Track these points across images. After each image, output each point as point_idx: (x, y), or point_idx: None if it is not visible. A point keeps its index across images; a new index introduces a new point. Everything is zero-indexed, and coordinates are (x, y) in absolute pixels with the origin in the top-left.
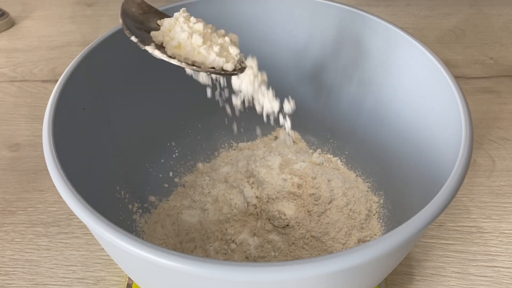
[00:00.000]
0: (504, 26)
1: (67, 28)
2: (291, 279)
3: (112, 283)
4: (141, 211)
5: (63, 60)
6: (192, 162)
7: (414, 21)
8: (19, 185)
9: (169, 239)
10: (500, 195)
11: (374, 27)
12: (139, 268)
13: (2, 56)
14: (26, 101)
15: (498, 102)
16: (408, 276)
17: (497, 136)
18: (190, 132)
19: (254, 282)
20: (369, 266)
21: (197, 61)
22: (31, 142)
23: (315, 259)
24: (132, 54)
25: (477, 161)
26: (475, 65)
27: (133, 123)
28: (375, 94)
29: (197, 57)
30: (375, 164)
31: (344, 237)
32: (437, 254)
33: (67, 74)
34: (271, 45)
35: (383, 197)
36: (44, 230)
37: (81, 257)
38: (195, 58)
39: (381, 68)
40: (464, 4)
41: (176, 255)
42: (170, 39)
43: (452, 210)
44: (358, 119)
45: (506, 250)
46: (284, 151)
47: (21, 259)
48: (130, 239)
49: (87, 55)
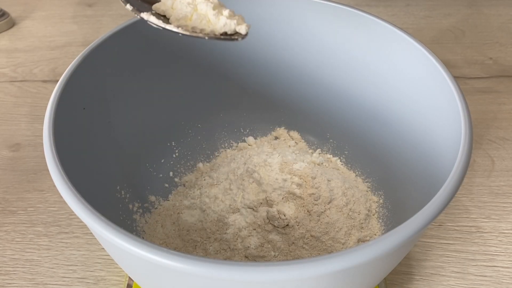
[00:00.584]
0: (503, 26)
1: (67, 28)
2: (291, 279)
3: (113, 282)
4: (141, 211)
5: (64, 60)
6: (192, 162)
7: (414, 21)
8: (19, 185)
9: (169, 239)
10: (499, 195)
11: (373, 27)
12: (139, 268)
13: (2, 56)
14: (27, 101)
15: (497, 102)
16: (407, 276)
17: (496, 136)
18: (190, 132)
19: (254, 282)
20: (368, 266)
21: (204, 28)
22: (31, 142)
23: (315, 259)
24: (132, 54)
25: (477, 161)
26: (475, 65)
27: (133, 123)
28: (374, 94)
29: (205, 25)
30: (374, 164)
31: (344, 237)
32: (437, 254)
33: (67, 74)
34: (271, 45)
35: (383, 197)
36: (44, 230)
37: (81, 256)
38: (202, 26)
39: (381, 68)
40: (463, 5)
41: (176, 255)
42: (172, 10)
43: (452, 210)
44: (358, 119)
45: (506, 250)
46: (284, 151)
47: (21, 258)
48: (130, 239)
49: (88, 55)
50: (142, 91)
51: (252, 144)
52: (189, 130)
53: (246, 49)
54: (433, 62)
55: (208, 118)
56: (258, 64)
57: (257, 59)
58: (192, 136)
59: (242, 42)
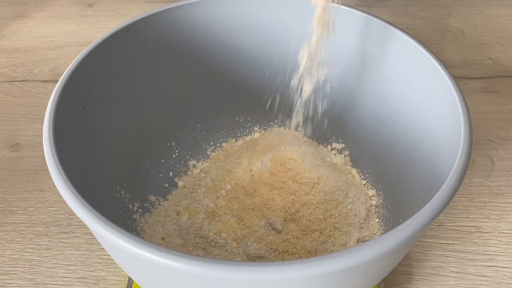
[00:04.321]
0: (503, 26)
1: (67, 28)
2: (291, 278)
3: (112, 282)
4: (141, 211)
5: (64, 60)
6: (192, 162)
7: (414, 22)
8: (19, 185)
9: (169, 239)
10: (499, 195)
11: (373, 27)
12: (139, 267)
13: (2, 56)
14: (26, 101)
15: (497, 103)
16: (407, 276)
17: (496, 136)
18: (190, 132)
19: (254, 282)
20: (368, 265)
21: None
22: (31, 142)
23: (315, 259)
24: (132, 54)
25: (476, 161)
26: (474, 65)
27: (133, 123)
28: (374, 94)
29: None
30: (374, 164)
31: (344, 237)
32: (436, 254)
33: (67, 74)
34: (271, 45)
35: (383, 197)
36: (44, 229)
37: (81, 256)
38: None
39: (380, 69)
40: (463, 5)
41: (176, 254)
42: None
43: (451, 210)
44: (357, 119)
45: (505, 250)
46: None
47: (21, 258)
48: (130, 238)
49: (88, 56)
50: (142, 91)
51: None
52: (189, 130)
53: (246, 49)
54: (433, 62)
55: (208, 118)
56: (259, 64)
57: (258, 59)
58: (192, 136)
59: (242, 42)
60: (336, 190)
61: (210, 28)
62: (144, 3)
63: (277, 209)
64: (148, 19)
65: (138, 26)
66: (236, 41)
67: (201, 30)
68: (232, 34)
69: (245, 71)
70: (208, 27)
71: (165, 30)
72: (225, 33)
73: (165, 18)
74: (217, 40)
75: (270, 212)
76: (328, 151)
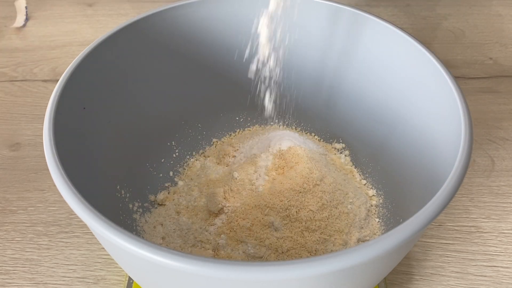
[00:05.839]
0: (503, 26)
1: (67, 28)
2: (291, 278)
3: (113, 282)
4: (141, 211)
5: (64, 60)
6: (192, 162)
7: (414, 22)
8: (19, 185)
9: (169, 239)
10: (499, 195)
11: (373, 27)
12: (139, 267)
13: (2, 55)
14: (27, 100)
15: (497, 102)
16: (407, 276)
17: (496, 136)
18: (190, 132)
19: (254, 282)
20: (368, 265)
21: None
22: (31, 141)
23: (315, 259)
24: (132, 54)
25: (477, 161)
26: (475, 65)
27: (133, 123)
28: (374, 94)
29: None
30: (374, 164)
31: (344, 237)
32: (437, 253)
33: (67, 74)
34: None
35: (383, 197)
36: (44, 229)
37: (81, 256)
38: None
39: (380, 69)
40: (463, 5)
41: (176, 254)
42: None
43: (452, 210)
44: (357, 118)
45: (506, 250)
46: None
47: (21, 258)
48: (130, 238)
49: (88, 55)
50: (142, 91)
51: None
52: (189, 130)
53: (246, 49)
54: (433, 62)
55: (208, 118)
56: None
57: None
58: (192, 136)
59: (242, 42)
60: (336, 190)
61: (210, 28)
62: (144, 3)
63: (277, 209)
64: (148, 19)
65: (138, 26)
66: (236, 41)
67: (201, 30)
68: (232, 34)
69: (246, 71)
70: (208, 27)
71: (165, 30)
72: (225, 33)
73: (165, 18)
74: (217, 40)
75: (271, 212)
76: (329, 151)
